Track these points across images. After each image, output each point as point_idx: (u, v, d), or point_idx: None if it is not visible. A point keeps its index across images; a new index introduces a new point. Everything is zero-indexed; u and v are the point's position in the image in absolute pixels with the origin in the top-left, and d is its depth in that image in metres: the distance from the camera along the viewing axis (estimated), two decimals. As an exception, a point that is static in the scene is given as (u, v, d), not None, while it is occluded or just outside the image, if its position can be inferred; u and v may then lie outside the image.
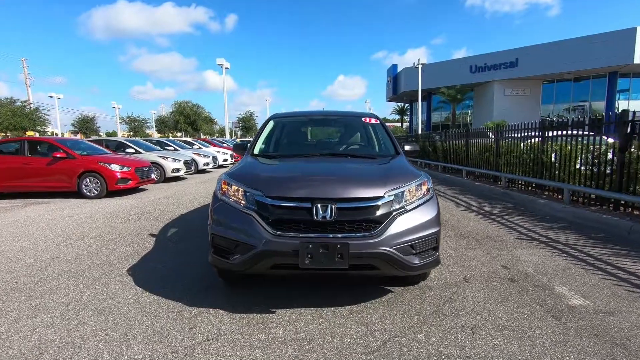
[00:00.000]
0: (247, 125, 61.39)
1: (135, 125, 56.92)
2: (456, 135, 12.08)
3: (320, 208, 2.34)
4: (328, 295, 2.86)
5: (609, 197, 5.47)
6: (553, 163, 6.80)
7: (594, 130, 6.01)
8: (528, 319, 2.47)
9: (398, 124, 57.74)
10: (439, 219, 2.60)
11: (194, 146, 17.62)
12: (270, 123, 4.16)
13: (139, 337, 2.26)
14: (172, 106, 53.25)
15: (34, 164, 8.14)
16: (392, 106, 56.36)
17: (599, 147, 5.68)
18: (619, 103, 26.81)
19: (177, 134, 51.01)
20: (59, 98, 41.30)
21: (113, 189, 8.24)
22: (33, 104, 32.46)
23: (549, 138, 7.07)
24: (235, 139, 38.20)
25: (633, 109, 5.21)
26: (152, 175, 9.64)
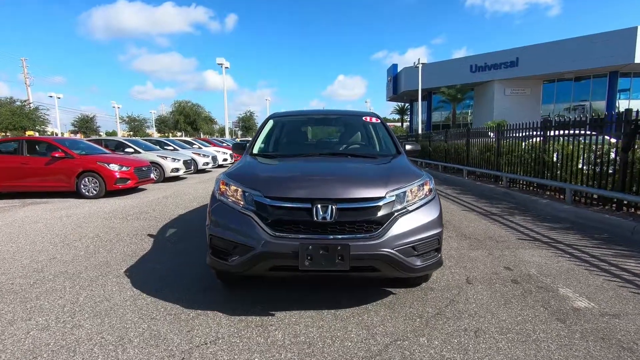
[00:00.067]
0: (247, 125, 61.30)
1: (135, 125, 56.81)
2: (457, 135, 12.03)
3: (321, 209, 2.30)
4: (328, 297, 2.82)
5: (612, 197, 5.42)
6: (555, 163, 6.75)
7: (596, 130, 5.97)
8: (532, 322, 2.42)
9: (398, 124, 57.65)
10: (441, 220, 2.55)
11: (194, 146, 17.58)
12: (270, 122, 4.10)
13: (135, 341, 2.22)
14: (172, 106, 53.19)
15: (32, 164, 8.09)
16: (392, 106, 56.25)
17: (602, 146, 5.64)
18: (620, 103, 26.76)
19: (177, 133, 50.91)
20: (58, 98, 41.34)
21: (112, 189, 8.19)
22: (32, 104, 32.38)
23: (550, 137, 7.03)
24: (235, 139, 38.13)
25: (636, 109, 5.16)
26: (151, 175, 9.60)
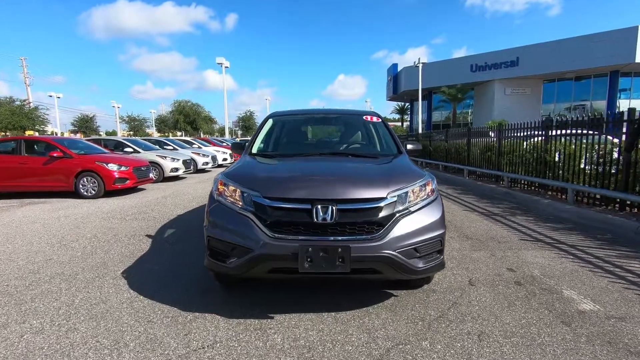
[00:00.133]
0: (247, 125, 61.27)
1: (135, 125, 56.73)
2: (458, 135, 11.98)
3: (321, 209, 2.24)
4: (328, 299, 2.77)
5: (615, 197, 5.37)
6: (557, 162, 6.70)
7: (598, 129, 5.92)
8: (537, 325, 2.37)
9: (398, 124, 57.54)
10: (443, 221, 2.50)
11: (193, 145, 17.52)
12: (269, 121, 4.05)
13: (130, 345, 2.17)
14: (171, 105, 53.10)
15: (30, 164, 8.04)
16: (393, 105, 56.04)
17: (605, 146, 5.59)
18: (620, 102, 26.70)
19: (177, 133, 50.84)
20: (58, 97, 41.29)
21: (111, 189, 8.14)
22: (32, 103, 32.32)
23: (552, 137, 6.98)
24: (235, 139, 38.07)
25: (638, 108, 5.11)
26: (151, 175, 9.54)
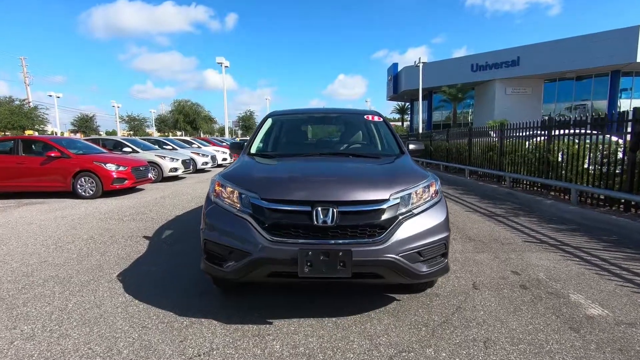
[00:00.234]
0: (246, 125, 61.16)
1: (135, 124, 56.59)
2: (459, 134, 11.89)
3: (321, 212, 2.16)
4: (328, 303, 2.69)
5: (620, 198, 5.29)
6: (560, 162, 6.62)
7: (600, 129, 5.84)
8: (544, 331, 2.30)
9: (398, 123, 57.41)
10: (448, 223, 2.42)
11: (193, 145, 17.44)
12: (269, 121, 3.97)
13: (124, 352, 2.09)
14: (171, 105, 53.01)
15: (27, 164, 7.96)
16: (393, 105, 55.89)
17: (609, 146, 5.51)
18: (621, 102, 26.61)
19: (176, 133, 50.75)
20: (58, 97, 41.17)
21: (109, 189, 8.06)
22: (32, 103, 32.23)
23: (555, 137, 6.90)
24: (235, 138, 38.01)
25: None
26: (149, 175, 9.47)
